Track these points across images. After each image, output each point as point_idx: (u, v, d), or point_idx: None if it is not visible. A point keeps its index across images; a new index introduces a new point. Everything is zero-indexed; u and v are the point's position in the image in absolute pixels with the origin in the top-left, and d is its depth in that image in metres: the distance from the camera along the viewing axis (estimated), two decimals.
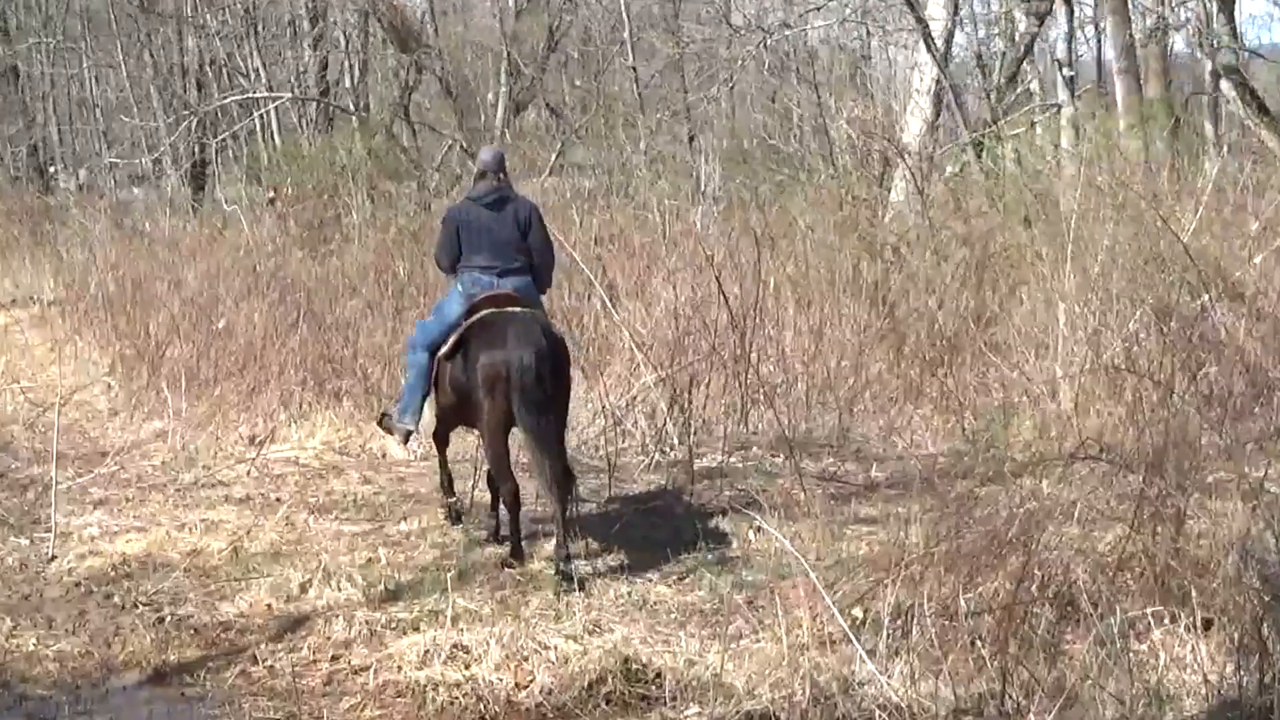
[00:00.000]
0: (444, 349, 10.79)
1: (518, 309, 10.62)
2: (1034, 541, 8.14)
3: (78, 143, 45.85)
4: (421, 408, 11.23)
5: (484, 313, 10.58)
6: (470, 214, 11.07)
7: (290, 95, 32.15)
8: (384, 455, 13.83)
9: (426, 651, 8.34)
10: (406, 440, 11.84)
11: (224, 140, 33.15)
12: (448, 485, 11.57)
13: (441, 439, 11.48)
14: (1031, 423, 12.54)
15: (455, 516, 11.51)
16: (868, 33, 32.12)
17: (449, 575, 9.58)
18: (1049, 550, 8.32)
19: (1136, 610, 7.99)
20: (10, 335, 20.63)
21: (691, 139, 28.36)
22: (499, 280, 10.85)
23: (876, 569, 8.60)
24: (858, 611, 8.27)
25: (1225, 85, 24.42)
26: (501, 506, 10.86)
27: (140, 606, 9.72)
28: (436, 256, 11.60)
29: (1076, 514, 8.94)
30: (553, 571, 10.01)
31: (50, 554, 10.83)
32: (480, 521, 11.35)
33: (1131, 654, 7.53)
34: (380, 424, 12.03)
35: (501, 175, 11.25)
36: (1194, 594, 7.93)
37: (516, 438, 10.52)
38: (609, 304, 15.08)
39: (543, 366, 10.15)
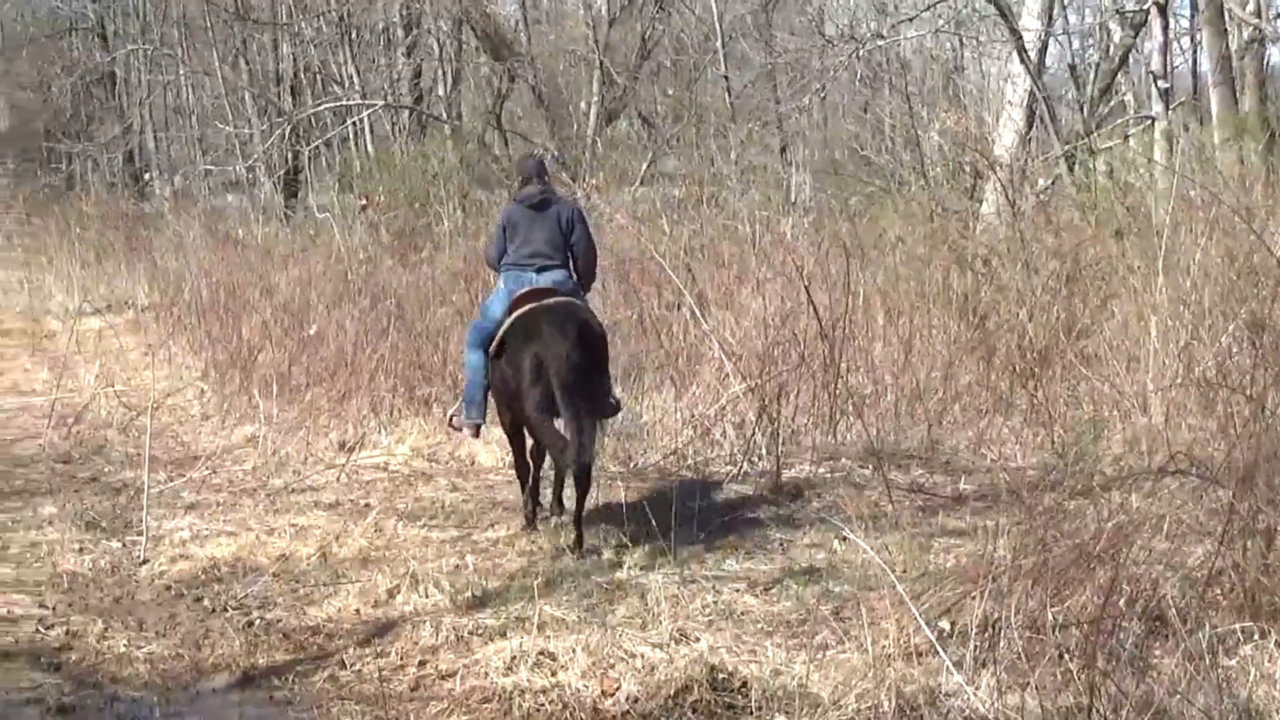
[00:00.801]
0: (492, 346, 11.42)
1: (553, 299, 11.30)
2: (1123, 556, 8.10)
3: (173, 149, 46.32)
4: (484, 401, 11.75)
5: (523, 309, 11.24)
6: (516, 214, 11.82)
7: (383, 103, 32.33)
8: (472, 462, 13.88)
9: (513, 658, 8.35)
10: (477, 433, 12.13)
11: (317, 148, 33.39)
12: (524, 483, 11.98)
13: (512, 437, 11.92)
14: (1121, 436, 12.46)
15: (530, 517, 11.79)
16: (961, 43, 32.02)
17: (536, 582, 9.64)
18: (1138, 565, 8.29)
19: (1226, 626, 7.95)
20: (105, 340, 20.83)
21: (783, 149, 28.32)
22: (538, 276, 11.54)
23: (964, 581, 8.57)
24: (944, 623, 8.24)
25: None
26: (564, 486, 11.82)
27: (230, 610, 9.80)
28: (485, 254, 12.63)
29: (1166, 528, 8.90)
30: (571, 541, 10.93)
31: (142, 557, 10.94)
32: (555, 521, 11.51)
33: (1220, 669, 7.46)
34: (450, 424, 12.45)
35: (545, 179, 12.08)
36: None
37: None
38: (698, 313, 15.07)
39: (576, 355, 10.83)
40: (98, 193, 39.47)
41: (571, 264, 11.82)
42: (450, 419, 12.34)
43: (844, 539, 10.20)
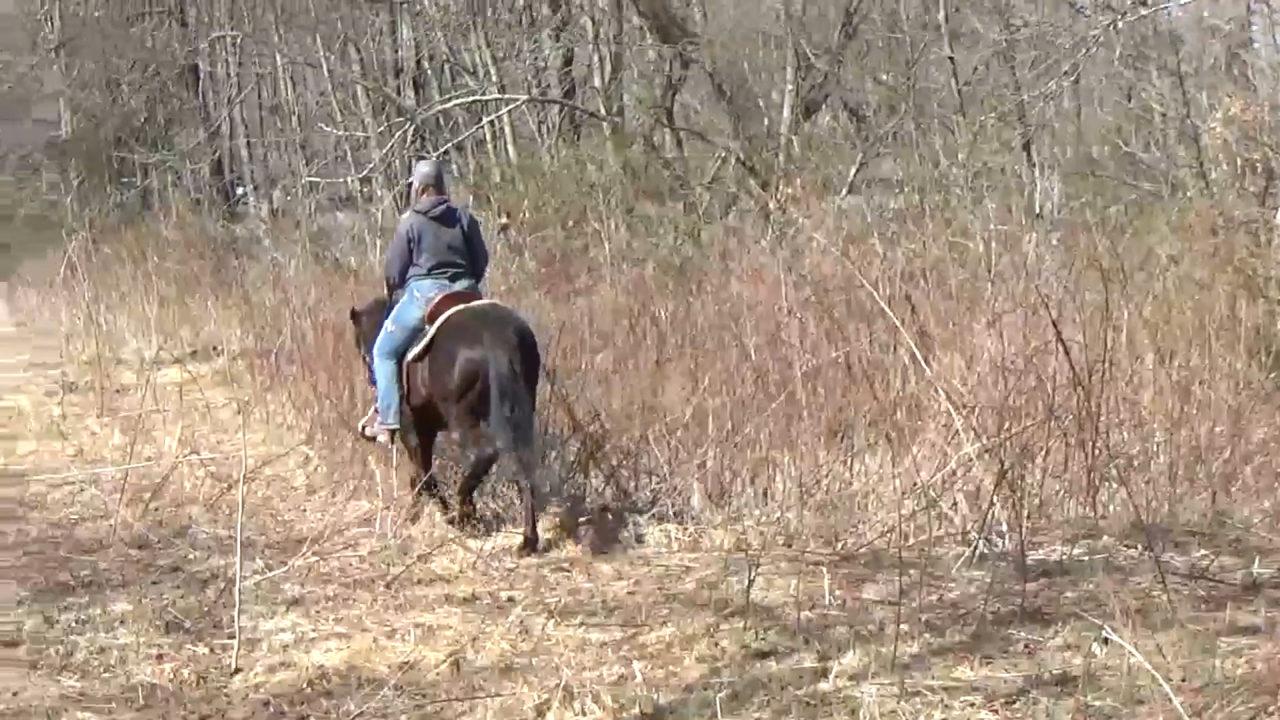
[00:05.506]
0: (414, 352, 14.31)
1: (483, 303, 14.45)
2: None
3: (270, 158, 46.75)
4: (400, 408, 14.56)
5: (451, 311, 14.11)
6: (420, 225, 14.63)
7: (527, 97, 32.46)
8: (639, 540, 13.86)
9: None
10: (393, 439, 14.79)
11: (447, 153, 33.51)
12: (425, 483, 14.62)
13: (419, 442, 14.88)
14: None
15: (443, 505, 14.64)
16: (1249, 10, 31.70)
17: (719, 695, 9.58)
18: None
19: None
20: (189, 395, 20.90)
21: (1025, 147, 28.18)
22: (450, 284, 14.47)
23: (1259, 693, 8.47)
24: None
25: None
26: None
27: None
28: (387, 270, 15.36)
29: None
30: (520, 543, 13.61)
31: (234, 665, 10.94)
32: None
33: None
34: (363, 435, 15.18)
35: (443, 188, 15.05)
36: None
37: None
38: (919, 356, 15.00)
39: (518, 360, 13.64)
40: (179, 213, 39.58)
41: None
42: (363, 430, 15.11)
43: (1105, 640, 10.10)
